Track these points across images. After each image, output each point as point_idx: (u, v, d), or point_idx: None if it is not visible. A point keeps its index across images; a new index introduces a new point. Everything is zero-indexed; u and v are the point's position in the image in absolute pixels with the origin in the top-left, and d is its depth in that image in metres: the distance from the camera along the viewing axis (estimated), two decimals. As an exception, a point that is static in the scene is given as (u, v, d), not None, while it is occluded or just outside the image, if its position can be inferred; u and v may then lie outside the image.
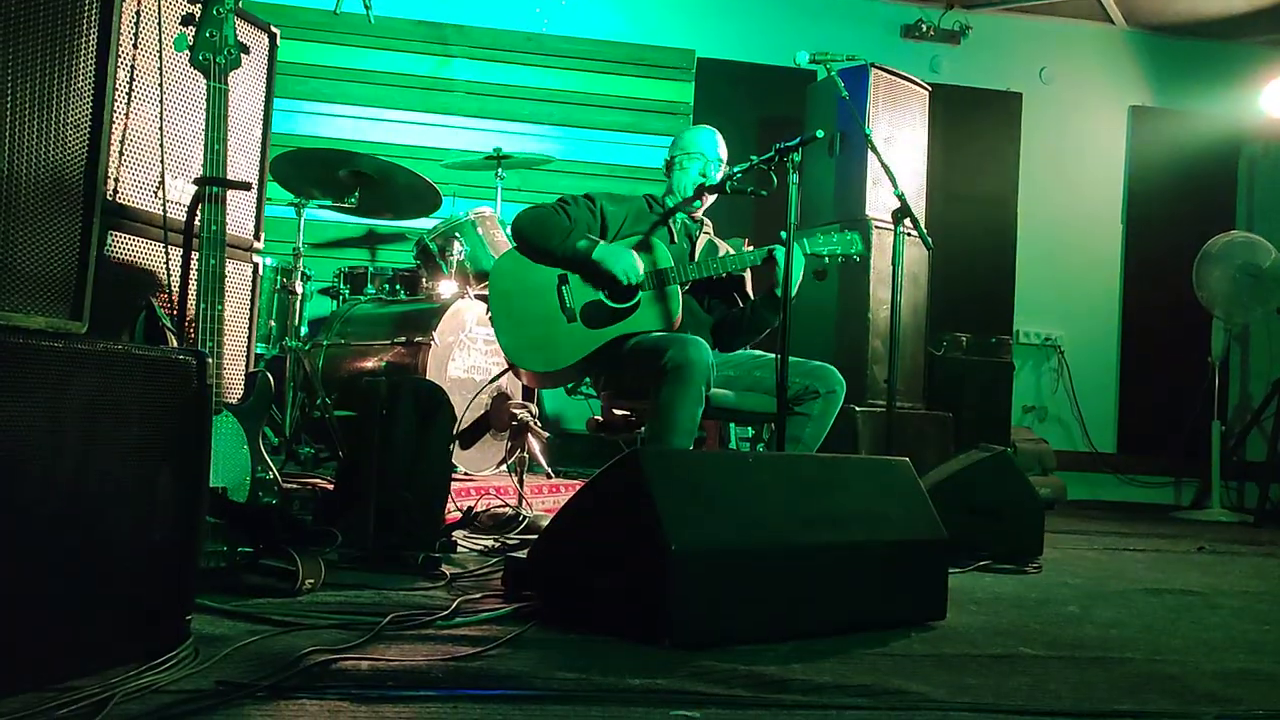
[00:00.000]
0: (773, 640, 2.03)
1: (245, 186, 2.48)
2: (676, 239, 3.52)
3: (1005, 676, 1.89)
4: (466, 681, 1.63)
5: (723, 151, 3.57)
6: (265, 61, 3.17)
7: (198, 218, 2.36)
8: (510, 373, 4.07)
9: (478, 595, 2.34)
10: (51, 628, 1.46)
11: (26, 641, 1.42)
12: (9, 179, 1.38)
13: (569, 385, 3.63)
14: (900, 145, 5.18)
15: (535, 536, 2.64)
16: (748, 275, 3.62)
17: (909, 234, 4.11)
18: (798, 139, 3.06)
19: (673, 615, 1.93)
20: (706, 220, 3.66)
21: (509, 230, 3.73)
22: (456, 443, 3.47)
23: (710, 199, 3.54)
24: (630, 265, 3.27)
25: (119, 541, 1.56)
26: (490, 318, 3.35)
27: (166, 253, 2.50)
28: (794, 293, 3.19)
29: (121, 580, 1.57)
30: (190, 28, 2.42)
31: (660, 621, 1.94)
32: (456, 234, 4.46)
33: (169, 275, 2.47)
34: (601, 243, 3.30)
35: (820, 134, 3.05)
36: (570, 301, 3.31)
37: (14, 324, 1.44)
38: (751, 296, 3.64)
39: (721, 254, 3.57)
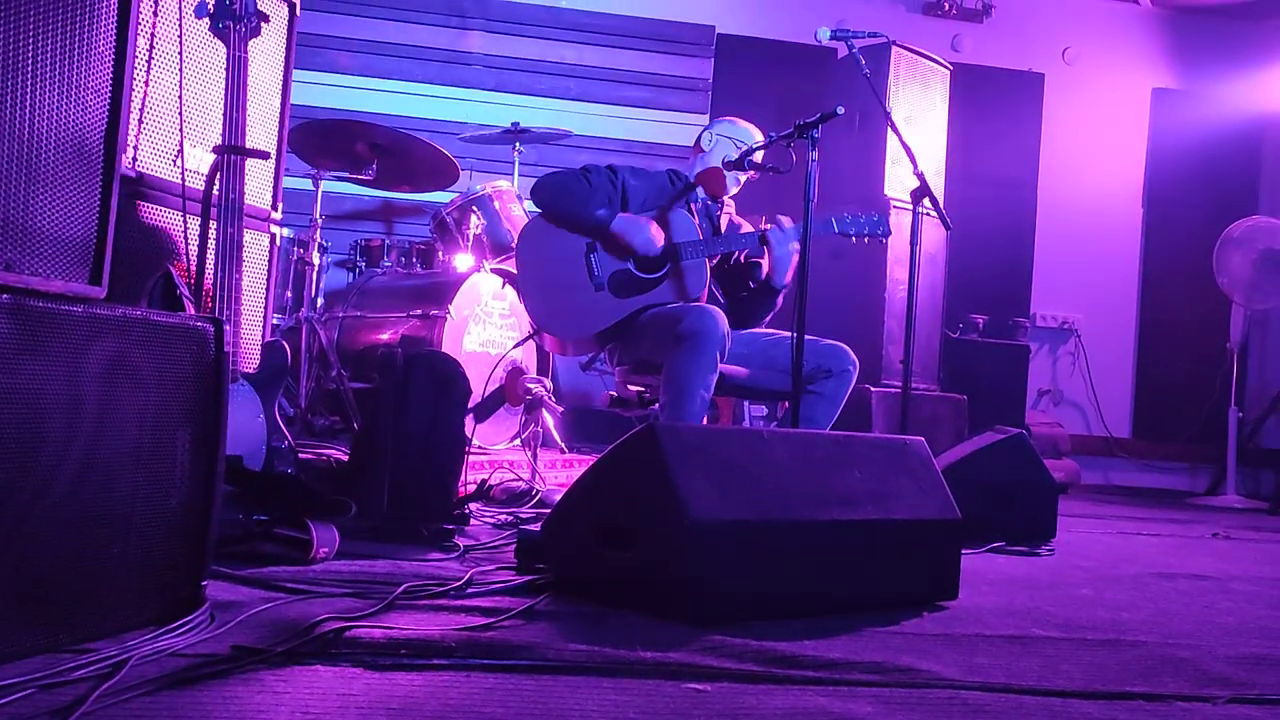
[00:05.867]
0: (785, 616, 2.03)
1: (264, 155, 2.48)
2: (699, 218, 3.51)
3: (1017, 657, 1.88)
4: (480, 651, 1.64)
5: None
6: (285, 32, 3.16)
7: (216, 186, 2.36)
8: (527, 345, 4.08)
9: (491, 567, 2.35)
10: (68, 590, 1.47)
11: (44, 603, 1.43)
12: (29, 140, 1.38)
13: (586, 357, 3.63)
14: (920, 125, 5.14)
15: (548, 510, 2.65)
16: (765, 261, 3.61)
17: (928, 214, 4.08)
18: (818, 115, 3.04)
19: (686, 590, 1.93)
20: (728, 200, 3.64)
21: (530, 196, 3.73)
22: (471, 416, 3.47)
23: (743, 178, 3.54)
24: (649, 239, 3.27)
25: (136, 506, 1.57)
26: (517, 283, 3.36)
27: (185, 221, 2.50)
28: (787, 279, 3.33)
29: (138, 544, 1.58)
30: (210, -5, 2.42)
31: (673, 596, 1.94)
32: (473, 207, 4.46)
33: (187, 244, 2.48)
34: (622, 214, 3.29)
35: (840, 110, 3.02)
36: (599, 270, 3.31)
37: (33, 288, 1.45)
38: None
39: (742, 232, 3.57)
